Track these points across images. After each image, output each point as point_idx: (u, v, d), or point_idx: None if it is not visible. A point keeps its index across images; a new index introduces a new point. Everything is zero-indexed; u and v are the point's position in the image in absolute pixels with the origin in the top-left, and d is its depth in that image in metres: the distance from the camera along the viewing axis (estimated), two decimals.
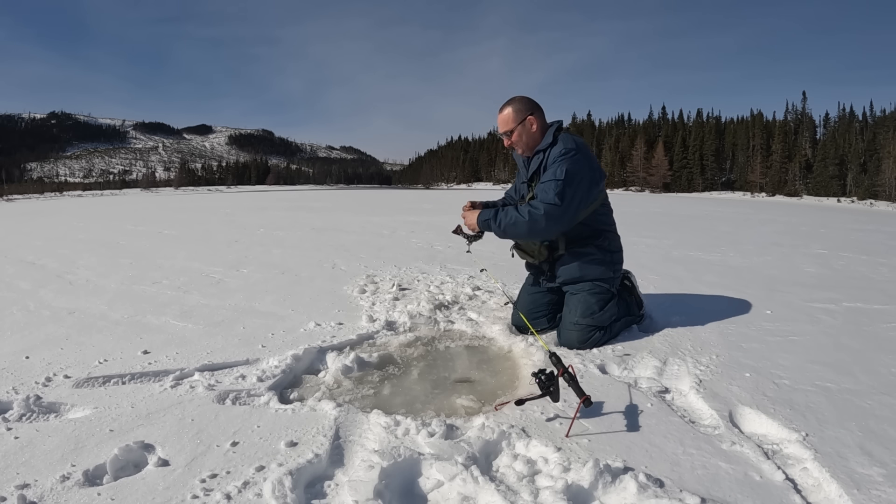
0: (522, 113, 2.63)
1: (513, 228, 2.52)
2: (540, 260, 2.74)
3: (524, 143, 2.67)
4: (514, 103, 2.65)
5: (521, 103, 2.65)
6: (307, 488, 1.43)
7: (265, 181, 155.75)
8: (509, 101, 2.67)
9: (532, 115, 2.63)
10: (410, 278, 4.30)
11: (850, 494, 1.38)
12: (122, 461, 1.54)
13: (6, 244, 7.18)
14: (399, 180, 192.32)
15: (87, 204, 25.51)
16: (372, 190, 66.90)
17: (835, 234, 9.41)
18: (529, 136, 2.64)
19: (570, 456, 1.55)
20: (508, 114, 2.64)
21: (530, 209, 2.47)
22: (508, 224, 2.52)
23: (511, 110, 2.64)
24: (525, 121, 2.62)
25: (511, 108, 2.64)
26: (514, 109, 2.64)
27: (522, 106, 2.64)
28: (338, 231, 8.77)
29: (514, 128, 2.64)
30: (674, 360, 2.33)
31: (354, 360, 2.31)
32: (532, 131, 2.63)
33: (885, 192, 44.04)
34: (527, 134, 2.64)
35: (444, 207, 16.87)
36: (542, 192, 2.50)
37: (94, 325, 2.95)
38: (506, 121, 2.65)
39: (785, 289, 4.05)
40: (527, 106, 2.65)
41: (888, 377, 2.19)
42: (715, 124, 67.75)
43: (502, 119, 2.66)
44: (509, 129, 2.65)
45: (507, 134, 2.67)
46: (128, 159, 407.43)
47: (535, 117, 2.63)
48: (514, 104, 2.65)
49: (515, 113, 2.63)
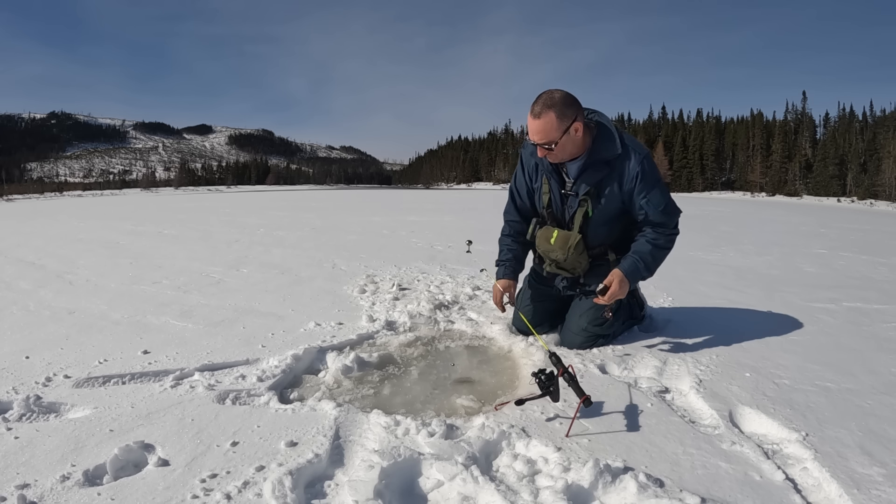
0: (567, 119, 2.13)
1: (659, 264, 2.37)
2: (583, 273, 2.51)
3: (567, 153, 2.24)
4: (556, 107, 2.12)
5: (564, 106, 2.13)
6: (307, 488, 1.43)
7: (265, 181, 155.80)
8: (548, 104, 2.13)
9: (576, 119, 2.16)
10: (410, 278, 4.30)
11: (850, 494, 1.38)
12: (122, 461, 1.54)
13: (6, 244, 7.18)
14: (399, 180, 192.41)
15: (87, 204, 25.51)
16: (372, 190, 66.88)
17: (835, 234, 9.41)
18: (574, 145, 2.21)
19: (570, 456, 1.55)
20: (550, 122, 2.12)
21: (665, 241, 2.35)
22: (658, 263, 2.36)
23: (554, 117, 2.11)
24: (570, 128, 2.15)
25: (553, 113, 2.11)
26: (557, 116, 2.12)
27: (567, 110, 2.14)
28: (338, 231, 8.77)
29: (559, 138, 2.15)
30: (674, 360, 2.33)
31: (354, 359, 2.31)
32: (578, 138, 2.19)
33: (885, 191, 44.04)
34: (572, 143, 2.19)
35: (444, 207, 16.87)
36: (665, 215, 2.32)
37: (94, 325, 2.95)
38: (547, 130, 2.13)
39: (785, 289, 4.05)
40: (572, 109, 2.15)
41: (888, 377, 2.19)
42: (715, 124, 67.79)
43: (541, 128, 2.14)
44: (552, 140, 2.15)
45: (548, 146, 2.18)
46: (128, 159, 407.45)
47: (580, 120, 2.17)
48: (557, 108, 2.12)
49: (560, 120, 2.12)
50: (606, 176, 2.30)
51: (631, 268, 2.31)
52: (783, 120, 62.03)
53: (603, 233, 2.45)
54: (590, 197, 2.34)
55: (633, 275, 2.32)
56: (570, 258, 2.43)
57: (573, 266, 2.48)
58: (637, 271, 2.32)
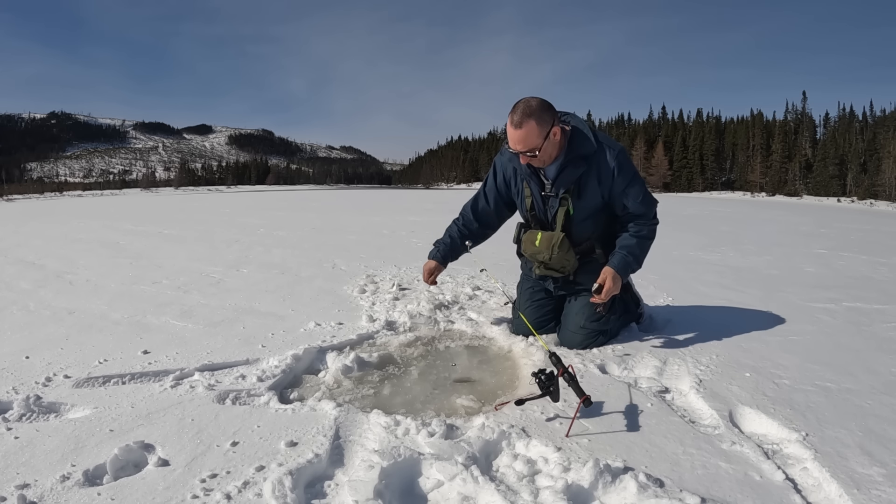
0: (547, 125, 2.23)
1: (646, 255, 2.48)
2: (572, 271, 2.55)
3: (548, 156, 2.32)
4: (535, 115, 2.20)
5: (542, 112, 2.22)
6: (307, 488, 1.43)
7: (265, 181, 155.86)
8: (527, 113, 2.21)
9: (554, 123, 2.25)
10: (410, 278, 4.30)
11: (850, 494, 1.38)
12: (122, 461, 1.54)
13: (6, 244, 7.18)
14: (399, 180, 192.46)
15: (87, 204, 25.51)
16: (372, 190, 66.89)
17: (835, 234, 9.41)
18: (554, 147, 2.30)
19: (570, 456, 1.55)
20: (532, 130, 2.20)
21: (648, 231, 2.45)
22: (645, 254, 2.47)
23: (535, 125, 2.20)
24: (549, 133, 2.24)
25: (534, 121, 2.20)
26: (537, 123, 2.20)
27: (546, 115, 2.23)
28: (338, 231, 8.77)
29: (542, 144, 2.24)
30: (674, 360, 2.33)
31: (354, 359, 2.31)
32: (556, 141, 2.29)
33: (885, 191, 44.04)
34: (552, 146, 2.28)
35: (444, 207, 16.87)
36: (644, 206, 2.42)
37: (94, 325, 2.95)
38: (528, 138, 2.22)
39: (785, 289, 4.05)
40: (549, 114, 2.24)
41: (888, 377, 2.19)
42: (715, 124, 67.81)
43: (523, 137, 2.22)
44: (535, 147, 2.23)
45: (530, 153, 2.26)
46: (128, 159, 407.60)
47: (556, 124, 2.26)
48: (535, 116, 2.20)
49: (540, 127, 2.21)
50: (585, 172, 2.39)
51: (621, 263, 2.40)
52: (783, 120, 62.05)
53: (588, 227, 2.51)
54: (569, 195, 2.43)
55: (623, 269, 2.41)
56: (555, 257, 2.49)
57: (561, 265, 2.53)
58: (627, 265, 2.41)
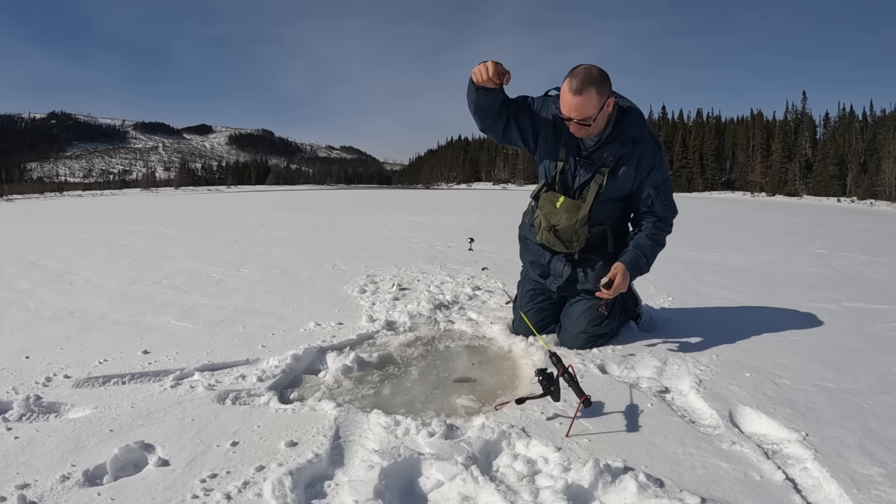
0: (604, 97, 2.13)
1: (654, 261, 2.45)
2: (573, 249, 2.45)
3: (598, 128, 2.22)
4: (596, 83, 2.09)
5: (602, 82, 2.11)
6: (307, 488, 1.43)
7: (265, 181, 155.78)
8: (588, 81, 2.09)
9: (610, 95, 2.16)
10: (410, 278, 4.30)
11: (850, 494, 1.38)
12: (122, 461, 1.54)
13: (6, 244, 7.18)
14: (399, 180, 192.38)
15: (87, 204, 25.51)
16: (372, 190, 66.89)
17: (835, 234, 9.41)
18: (604, 119, 2.20)
19: (570, 456, 1.55)
20: (591, 98, 2.09)
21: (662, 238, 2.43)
22: (654, 260, 2.43)
23: (595, 93, 2.09)
24: (605, 104, 2.14)
25: (594, 89, 2.09)
26: (597, 92, 2.10)
27: (604, 87, 2.12)
28: (338, 231, 8.77)
29: (597, 115, 2.14)
30: (674, 360, 2.33)
31: (354, 359, 2.31)
32: (607, 113, 2.19)
33: (885, 191, 44.02)
34: (602, 118, 2.18)
35: (444, 207, 16.87)
36: (667, 211, 2.42)
37: (94, 325, 2.95)
38: (585, 106, 2.10)
39: (785, 289, 4.06)
40: (607, 86, 2.13)
41: (888, 377, 2.19)
42: (715, 124, 67.74)
43: (580, 104, 2.10)
44: (590, 116, 2.13)
45: (585, 122, 2.15)
46: (128, 159, 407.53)
47: (612, 97, 2.18)
48: (596, 85, 2.09)
49: (599, 96, 2.10)
50: (628, 153, 2.31)
51: (633, 261, 2.36)
52: (783, 120, 61.99)
53: (606, 211, 2.46)
54: (607, 170, 2.33)
55: (634, 268, 2.37)
56: (571, 227, 2.38)
57: (569, 237, 2.41)
58: (638, 265, 2.37)
